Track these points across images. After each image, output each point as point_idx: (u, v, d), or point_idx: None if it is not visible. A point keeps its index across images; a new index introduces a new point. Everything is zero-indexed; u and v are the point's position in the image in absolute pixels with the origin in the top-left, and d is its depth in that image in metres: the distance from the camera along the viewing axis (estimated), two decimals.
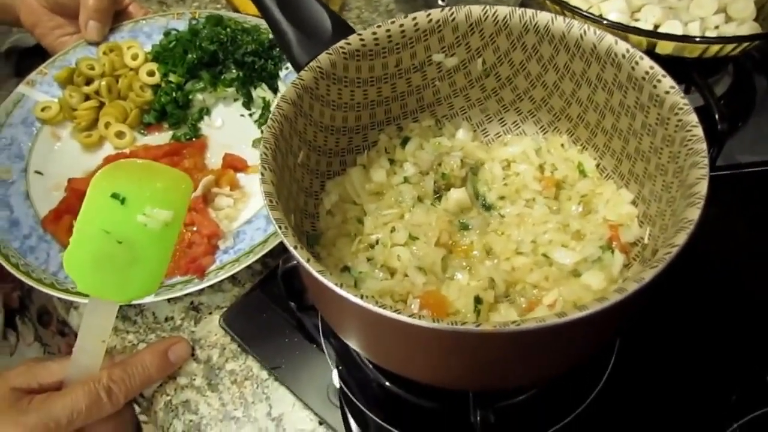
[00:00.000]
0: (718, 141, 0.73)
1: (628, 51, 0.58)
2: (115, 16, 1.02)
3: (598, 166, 0.68)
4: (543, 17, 0.63)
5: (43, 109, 0.92)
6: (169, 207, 0.65)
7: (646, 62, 0.56)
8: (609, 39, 0.59)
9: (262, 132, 0.92)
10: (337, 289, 0.46)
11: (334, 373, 0.70)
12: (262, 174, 0.53)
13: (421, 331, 0.45)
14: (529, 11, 0.63)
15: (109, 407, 0.63)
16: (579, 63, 0.63)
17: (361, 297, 0.45)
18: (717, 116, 0.71)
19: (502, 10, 0.64)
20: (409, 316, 0.43)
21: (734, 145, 0.83)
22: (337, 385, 0.70)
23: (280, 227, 0.49)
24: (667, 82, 0.55)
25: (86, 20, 0.97)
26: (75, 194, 0.82)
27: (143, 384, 0.68)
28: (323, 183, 0.69)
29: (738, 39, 0.74)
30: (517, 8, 0.64)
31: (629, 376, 0.67)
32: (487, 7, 0.64)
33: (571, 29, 0.61)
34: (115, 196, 0.64)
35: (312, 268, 0.47)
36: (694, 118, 0.52)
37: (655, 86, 0.56)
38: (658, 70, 0.56)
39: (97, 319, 0.64)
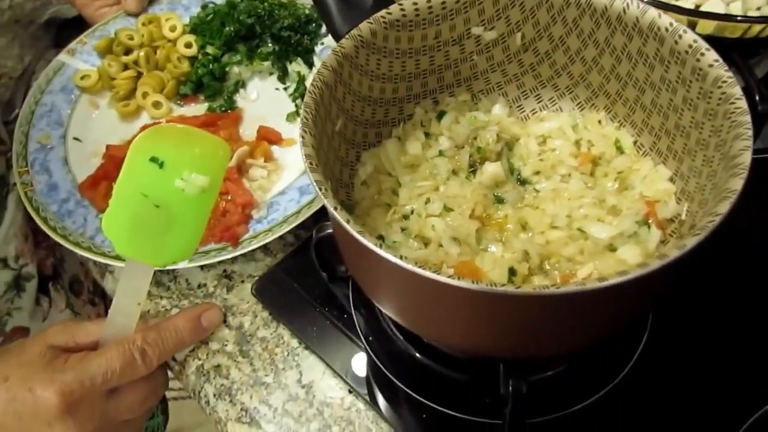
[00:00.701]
0: (758, 122, 0.72)
1: (671, 24, 0.57)
2: None
3: (635, 143, 0.67)
4: None
5: (82, 78, 0.94)
6: (206, 173, 0.65)
7: (690, 36, 0.56)
8: (652, 12, 0.59)
9: (296, 106, 0.93)
10: (377, 250, 0.46)
11: (364, 344, 0.71)
12: (303, 137, 0.54)
13: (460, 293, 0.45)
14: None
15: (143, 368, 0.64)
16: (620, 37, 0.62)
17: (401, 258, 0.45)
18: (757, 97, 0.71)
19: None
20: (449, 276, 0.44)
21: None
22: (367, 356, 0.70)
23: (320, 188, 0.50)
24: (711, 55, 0.54)
25: None
26: (112, 161, 0.84)
27: (176, 347, 0.69)
28: (359, 153, 0.70)
29: None
30: None
31: (662, 353, 0.67)
32: None
33: (614, 3, 0.61)
34: (153, 159, 0.64)
35: (352, 229, 0.48)
36: (738, 90, 0.51)
37: (698, 60, 0.55)
38: (702, 43, 0.55)
39: (134, 281, 0.65)
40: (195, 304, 0.77)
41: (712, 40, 0.57)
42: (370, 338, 0.71)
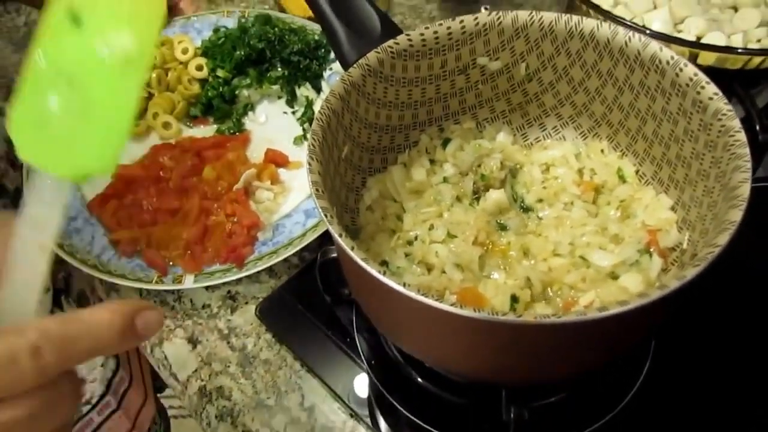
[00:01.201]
0: (759, 152, 0.73)
1: (672, 58, 0.58)
2: (167, 13, 1.05)
3: (637, 172, 0.68)
4: (588, 23, 0.64)
5: None
6: (133, 34, 0.44)
7: (690, 69, 0.57)
8: (654, 46, 0.60)
9: (304, 130, 0.94)
10: (380, 277, 0.47)
11: (366, 368, 0.71)
12: (310, 164, 0.55)
13: (462, 320, 0.46)
14: (575, 17, 0.64)
15: (31, 378, 0.37)
16: (622, 69, 0.64)
17: (404, 285, 0.46)
18: (758, 127, 0.72)
19: (548, 16, 0.65)
20: (451, 305, 0.44)
21: None
22: (369, 379, 0.71)
23: (326, 215, 0.51)
24: (711, 88, 0.55)
25: None
26: (122, 180, 0.85)
27: (90, 351, 0.40)
28: (364, 179, 0.71)
29: None
30: (563, 14, 0.65)
31: (664, 381, 0.67)
32: (534, 12, 0.65)
33: (617, 36, 0.62)
34: (70, 14, 0.44)
35: (356, 256, 0.48)
36: (737, 123, 0.52)
37: (698, 92, 0.56)
38: (702, 76, 0.56)
39: (40, 208, 0.42)
40: (129, 299, 0.75)
41: (714, 72, 0.58)
42: (373, 362, 0.71)
